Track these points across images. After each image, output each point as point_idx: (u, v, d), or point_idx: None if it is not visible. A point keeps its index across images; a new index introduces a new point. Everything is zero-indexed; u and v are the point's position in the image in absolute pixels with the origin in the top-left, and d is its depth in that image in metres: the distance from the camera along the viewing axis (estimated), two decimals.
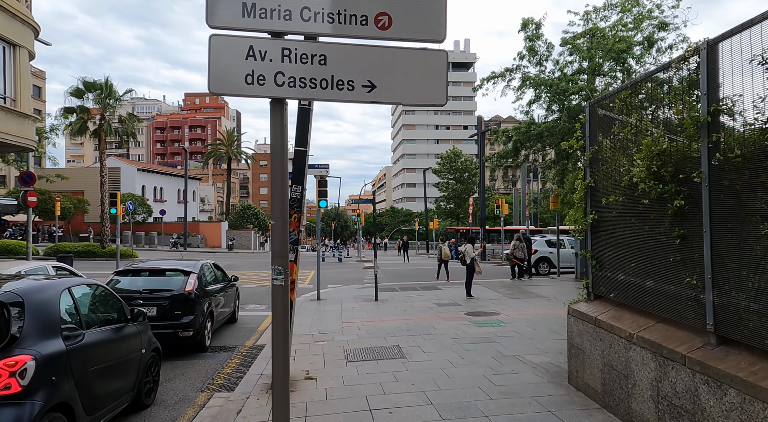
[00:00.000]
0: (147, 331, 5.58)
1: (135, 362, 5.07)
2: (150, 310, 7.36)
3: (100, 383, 4.27)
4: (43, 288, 4.06)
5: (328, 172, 13.14)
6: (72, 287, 4.37)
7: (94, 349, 4.24)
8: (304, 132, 5.62)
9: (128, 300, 7.30)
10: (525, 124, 14.47)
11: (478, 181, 57.73)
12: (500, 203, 25.02)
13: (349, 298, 13.24)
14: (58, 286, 4.21)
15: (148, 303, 7.49)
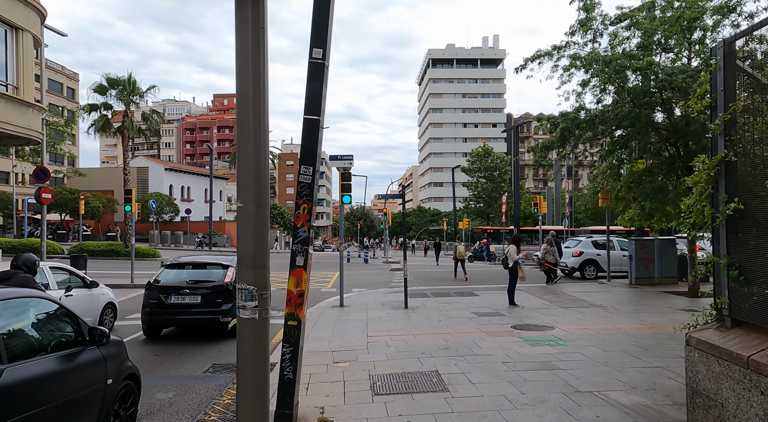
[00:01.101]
0: (119, 355, 4.39)
1: (96, 397, 3.94)
2: (194, 299, 8.38)
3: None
4: None
5: (352, 163, 11.78)
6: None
7: (21, 389, 3.14)
8: (317, 95, 4.23)
9: (175, 290, 8.42)
10: (574, 109, 12.73)
11: (509, 179, 55.53)
12: (538, 201, 23.13)
13: (376, 305, 11.84)
14: None
15: (192, 292, 8.41)
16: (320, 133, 4.30)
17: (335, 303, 12.15)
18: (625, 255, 17.21)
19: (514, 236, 11.52)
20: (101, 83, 26.95)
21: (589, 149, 13.92)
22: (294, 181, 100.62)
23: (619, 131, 12.34)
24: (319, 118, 4.25)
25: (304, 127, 4.23)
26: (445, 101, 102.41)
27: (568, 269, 17.94)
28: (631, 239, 15.11)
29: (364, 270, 24.15)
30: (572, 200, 47.87)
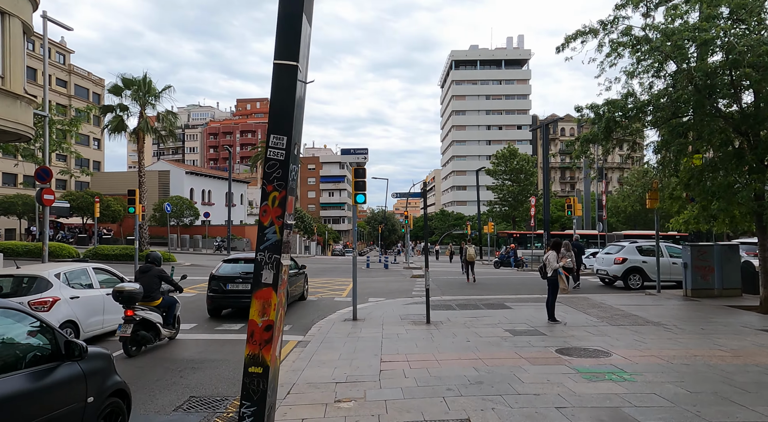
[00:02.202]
0: (102, 370, 3.91)
1: (74, 417, 3.54)
2: (246, 286, 10.42)
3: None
4: None
5: (366, 158, 10.42)
6: None
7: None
8: (293, 31, 2.86)
9: (231, 279, 10.74)
10: (622, 96, 11.05)
11: (536, 181, 53.13)
12: (572, 202, 21.29)
13: (394, 319, 10.39)
14: None
15: (244, 281, 10.66)
16: (300, 89, 2.92)
17: (348, 315, 10.77)
18: (675, 262, 15.31)
19: (554, 240, 9.91)
20: (116, 84, 26.43)
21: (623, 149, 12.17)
22: (316, 185, 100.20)
23: (677, 120, 10.60)
24: (296, 64, 2.87)
25: (274, 76, 2.86)
26: (468, 103, 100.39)
27: (608, 277, 16.11)
28: (686, 244, 13.25)
29: (383, 277, 22.72)
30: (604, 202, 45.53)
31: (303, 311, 12.13)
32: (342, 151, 10.55)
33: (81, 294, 8.18)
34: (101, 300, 8.49)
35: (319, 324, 10.24)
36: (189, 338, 8.99)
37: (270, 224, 2.79)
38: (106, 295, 8.32)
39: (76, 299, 8.01)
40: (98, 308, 8.44)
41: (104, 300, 8.49)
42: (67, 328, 7.70)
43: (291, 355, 7.45)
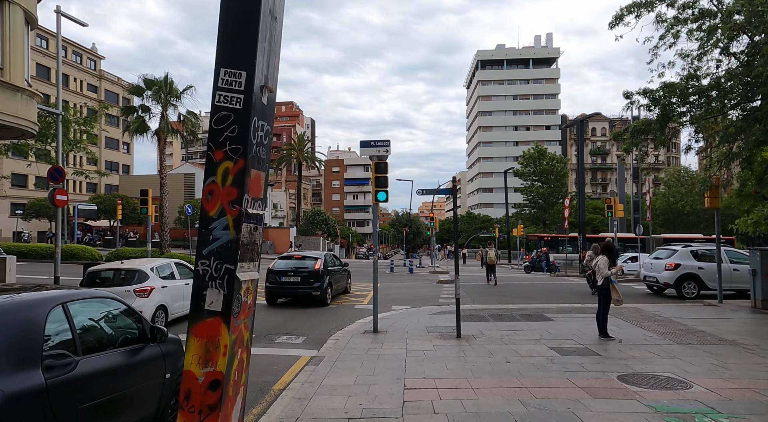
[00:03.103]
0: (176, 352, 4.50)
1: (155, 390, 4.14)
2: (296, 279, 12.73)
3: (104, 419, 3.46)
4: (24, 306, 3.19)
5: (389, 151, 9.31)
6: (69, 302, 3.50)
7: (91, 380, 3.36)
8: None
9: (284, 273, 12.86)
10: (682, 78, 9.63)
11: (567, 182, 50.97)
12: (612, 203, 19.64)
13: (419, 331, 9.22)
14: (46, 303, 3.33)
15: (295, 275, 12.79)
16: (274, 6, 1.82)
17: (368, 326, 9.65)
18: (736, 269, 13.61)
19: (605, 243, 8.54)
20: (138, 84, 26.18)
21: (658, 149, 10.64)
22: (340, 187, 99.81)
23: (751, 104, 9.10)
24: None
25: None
26: (494, 103, 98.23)
27: (658, 285, 14.50)
28: (754, 249, 11.60)
29: (407, 282, 21.53)
30: (640, 204, 42.97)
31: (320, 319, 11.10)
32: (361, 143, 9.46)
33: (168, 284, 9.95)
34: (182, 289, 10.16)
35: (337, 336, 9.17)
36: None
37: (219, 214, 1.74)
38: (185, 285, 10.29)
39: (165, 288, 9.79)
40: (179, 295, 10.10)
41: (183, 289, 10.22)
42: (160, 311, 9.45)
43: (300, 376, 6.39)
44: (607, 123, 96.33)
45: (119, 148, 62.29)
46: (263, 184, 2.07)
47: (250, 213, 1.86)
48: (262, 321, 10.38)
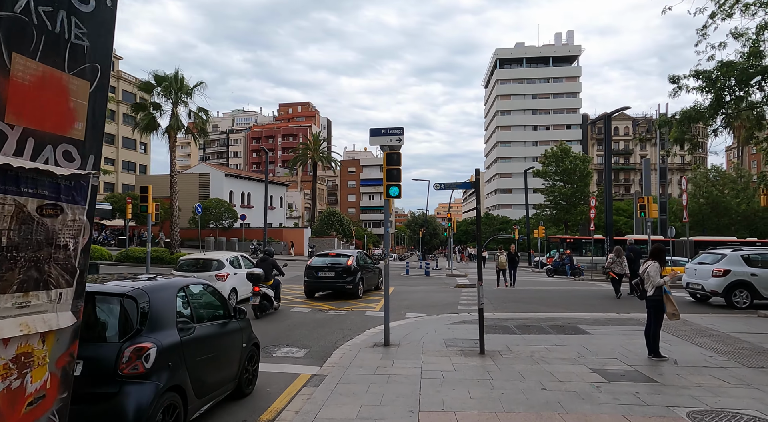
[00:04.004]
0: (248, 327, 5.97)
1: (237, 354, 5.47)
2: (331, 274, 14.28)
3: (208, 371, 4.75)
4: (164, 286, 4.61)
5: (402, 140, 8.22)
6: (186, 286, 4.94)
7: (202, 341, 4.73)
8: None
9: (320, 269, 14.38)
10: (743, 56, 8.32)
11: (591, 182, 49.06)
12: (645, 203, 18.17)
13: (436, 345, 8.09)
14: (175, 285, 4.78)
15: (330, 270, 14.30)
16: None
17: (379, 337, 8.56)
18: None
19: (655, 247, 7.25)
20: (148, 81, 25.60)
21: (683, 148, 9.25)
22: (356, 188, 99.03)
23: None
24: None
25: None
26: (513, 103, 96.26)
27: (704, 292, 13.07)
28: None
29: (423, 286, 20.35)
30: (667, 205, 40.88)
31: (327, 328, 10.05)
32: (371, 131, 8.38)
33: (237, 272, 12.65)
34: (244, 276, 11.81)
35: (343, 348, 8.11)
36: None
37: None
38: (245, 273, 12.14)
39: (235, 275, 12.55)
40: (244, 281, 11.99)
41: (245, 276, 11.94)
42: (233, 293, 12.25)
43: (294, 403, 5.34)
44: (630, 122, 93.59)
45: (136, 148, 62.50)
46: (71, 104, 1.09)
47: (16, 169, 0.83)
48: (264, 330, 9.38)
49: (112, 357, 3.80)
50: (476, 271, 12.62)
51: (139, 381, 3.83)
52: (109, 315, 4.13)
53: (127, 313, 4.06)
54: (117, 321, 4.07)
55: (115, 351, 3.83)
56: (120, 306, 4.09)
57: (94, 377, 3.76)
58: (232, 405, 5.54)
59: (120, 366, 3.79)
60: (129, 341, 3.90)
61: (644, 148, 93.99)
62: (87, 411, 3.63)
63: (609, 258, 15.95)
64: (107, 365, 3.79)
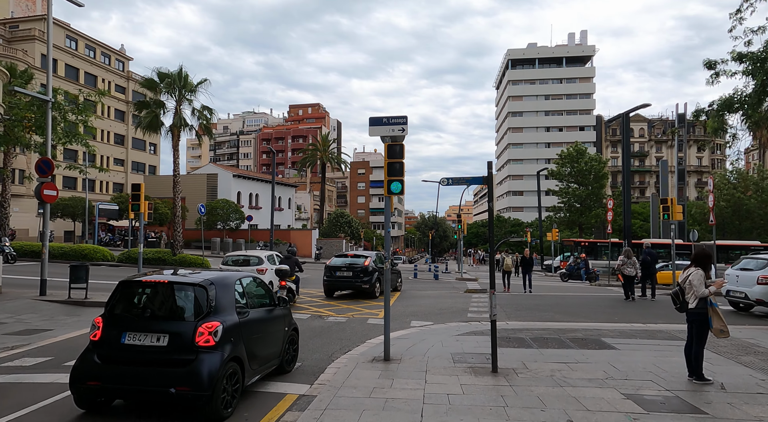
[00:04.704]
0: (289, 315, 6.98)
1: (280, 336, 6.43)
2: (349, 274, 14.94)
3: (259, 348, 5.70)
4: (225, 278, 5.55)
5: (405, 130, 7.34)
6: (241, 278, 5.95)
7: (255, 323, 5.68)
8: None
9: (338, 269, 15.17)
10: None
11: (606, 183, 47.65)
12: (669, 204, 17.03)
13: (443, 360, 7.17)
14: (233, 277, 5.75)
15: (347, 270, 14.97)
16: None
17: (378, 350, 7.68)
18: None
19: (698, 251, 6.26)
20: (151, 78, 25.03)
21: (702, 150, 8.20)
22: (365, 190, 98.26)
23: None
24: None
25: None
26: (525, 104, 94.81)
27: (747, 301, 11.94)
28: None
29: (431, 290, 19.40)
30: (685, 208, 39.40)
31: (325, 338, 9.18)
32: (370, 121, 7.50)
33: (271, 267, 14.07)
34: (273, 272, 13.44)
35: (339, 362, 7.24)
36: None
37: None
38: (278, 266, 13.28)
39: (270, 270, 13.91)
40: (273, 275, 13.43)
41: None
42: (269, 285, 12.23)
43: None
44: (646, 124, 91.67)
45: (146, 148, 62.44)
46: None
47: None
48: None
49: (190, 332, 4.81)
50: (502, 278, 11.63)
51: (209, 351, 4.79)
52: (186, 300, 5.16)
53: (199, 299, 5.07)
54: (192, 305, 5.08)
55: (192, 328, 4.84)
56: (194, 293, 5.12)
57: (177, 347, 4.78)
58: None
59: (196, 339, 4.79)
60: (202, 320, 4.90)
61: (660, 149, 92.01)
62: (173, 372, 4.70)
63: (619, 260, 15.75)
64: (186, 338, 4.80)
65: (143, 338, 4.82)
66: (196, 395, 4.62)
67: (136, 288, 5.31)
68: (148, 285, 5.23)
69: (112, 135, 56.22)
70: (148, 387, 4.69)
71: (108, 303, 5.18)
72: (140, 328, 4.88)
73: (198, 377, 4.64)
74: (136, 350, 4.80)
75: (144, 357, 4.80)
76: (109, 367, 4.80)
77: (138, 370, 4.75)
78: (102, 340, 4.90)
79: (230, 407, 5.00)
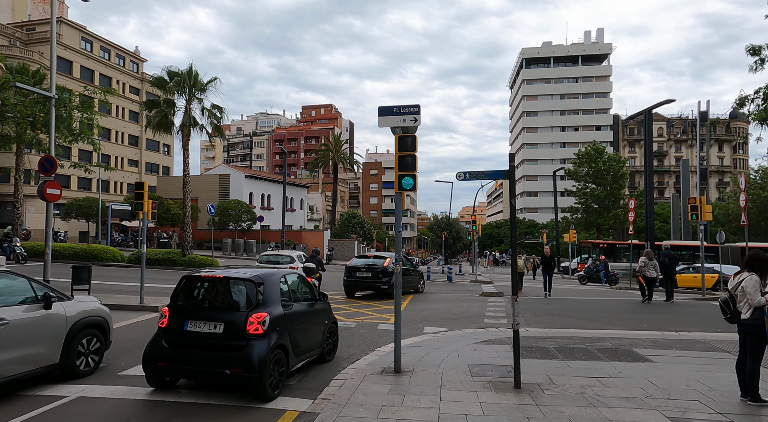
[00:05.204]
0: (329, 309, 7.54)
1: (321, 328, 7.04)
2: (368, 274, 15.10)
3: (301, 338, 6.29)
4: (272, 274, 6.23)
5: (418, 120, 6.72)
6: (285, 275, 6.61)
7: (298, 315, 6.29)
8: None
9: (358, 269, 15.34)
10: None
11: (626, 184, 46.24)
12: (697, 203, 16.09)
13: (459, 373, 6.51)
14: (279, 274, 6.45)
15: (367, 271, 15.12)
16: None
17: (389, 359, 7.05)
18: None
19: (752, 254, 5.48)
20: (160, 76, 24.79)
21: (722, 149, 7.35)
22: (378, 190, 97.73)
23: None
24: None
25: None
26: (540, 103, 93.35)
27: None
28: None
29: (445, 293, 18.69)
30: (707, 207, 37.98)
31: None
32: (380, 110, 6.88)
33: (301, 265, 14.81)
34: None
35: (344, 374, 6.62)
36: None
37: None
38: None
39: (300, 267, 14.60)
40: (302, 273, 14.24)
41: None
42: None
43: None
44: (665, 123, 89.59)
45: (159, 149, 62.77)
46: None
47: None
48: None
49: (242, 321, 5.42)
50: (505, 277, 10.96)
51: (258, 338, 5.39)
52: (239, 293, 5.79)
53: (250, 292, 5.70)
54: (244, 297, 5.71)
55: (243, 318, 5.45)
56: (245, 287, 5.77)
57: (231, 334, 5.40)
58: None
59: (247, 327, 5.39)
60: (252, 311, 5.51)
61: (679, 149, 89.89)
62: (228, 356, 5.29)
63: (640, 262, 15.38)
64: (239, 326, 5.41)
65: (202, 326, 5.52)
66: (248, 376, 5.25)
67: (196, 282, 5.99)
68: (207, 279, 5.97)
69: (126, 136, 56.56)
70: (207, 369, 5.36)
71: (172, 295, 5.94)
72: (200, 317, 5.59)
73: (249, 361, 5.26)
74: (197, 336, 5.50)
75: (203, 343, 5.47)
76: (174, 350, 5.51)
77: (198, 354, 5.43)
78: (168, 327, 5.65)
79: (277, 389, 5.65)
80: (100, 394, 5.77)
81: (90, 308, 6.56)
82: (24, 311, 5.62)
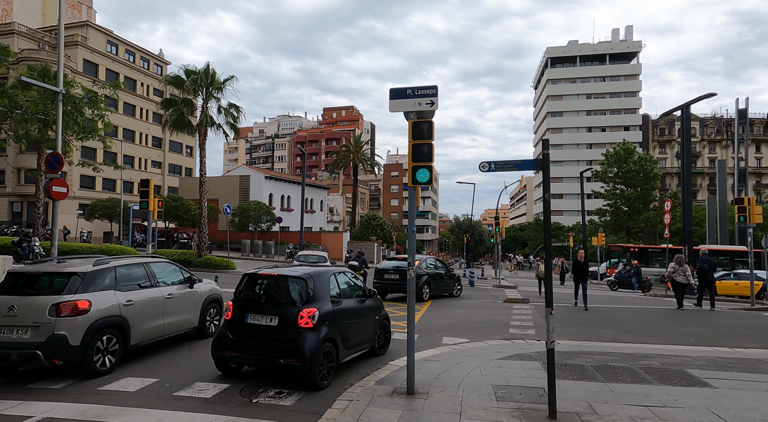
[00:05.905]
0: (380, 305, 7.85)
1: (371, 323, 7.42)
2: (396, 276, 15.10)
3: (351, 332, 6.69)
4: (323, 272, 6.72)
5: (435, 104, 5.83)
6: (335, 273, 7.00)
7: (347, 311, 6.70)
8: None
9: (387, 272, 15.45)
10: None
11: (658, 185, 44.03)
12: (746, 204, 14.68)
13: (482, 397, 5.57)
14: (329, 272, 6.89)
15: (394, 273, 15.17)
16: None
17: (401, 378, 6.16)
18: None
19: None
20: (177, 75, 24.50)
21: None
22: (398, 192, 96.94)
23: None
24: None
25: None
26: (566, 103, 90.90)
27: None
28: None
29: (467, 299, 17.61)
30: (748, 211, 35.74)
31: None
32: (391, 93, 6.00)
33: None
34: None
35: (350, 393, 5.79)
36: None
37: None
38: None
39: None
40: None
41: None
42: None
43: None
44: (698, 122, 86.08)
45: (182, 151, 63.33)
46: None
47: None
48: None
49: (294, 315, 5.98)
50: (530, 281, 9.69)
51: (309, 331, 5.91)
52: (292, 290, 6.33)
53: (301, 289, 6.24)
54: (297, 293, 6.24)
55: (296, 312, 6.00)
56: (297, 284, 6.31)
57: (284, 326, 5.98)
58: None
59: (298, 321, 5.94)
60: (303, 306, 6.05)
61: (713, 150, 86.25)
62: (282, 347, 5.89)
63: (670, 268, 15.17)
64: (291, 320, 5.98)
65: (260, 319, 6.09)
66: (299, 366, 5.73)
67: (255, 279, 6.63)
68: (264, 277, 6.58)
69: (150, 137, 57.18)
70: (265, 358, 5.92)
71: (236, 291, 6.57)
72: (258, 310, 6.17)
73: (300, 351, 5.74)
74: (256, 328, 6.08)
75: (261, 334, 6.04)
76: (237, 340, 6.11)
77: (258, 344, 6.02)
78: (232, 319, 6.24)
79: (326, 380, 6.06)
80: None
81: (213, 287, 8.93)
82: (179, 289, 8.00)
